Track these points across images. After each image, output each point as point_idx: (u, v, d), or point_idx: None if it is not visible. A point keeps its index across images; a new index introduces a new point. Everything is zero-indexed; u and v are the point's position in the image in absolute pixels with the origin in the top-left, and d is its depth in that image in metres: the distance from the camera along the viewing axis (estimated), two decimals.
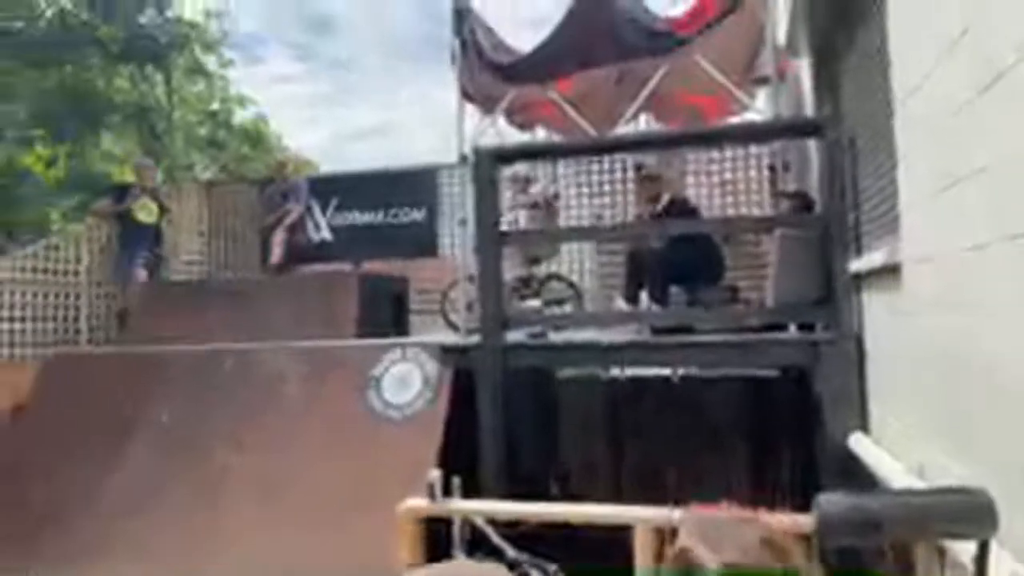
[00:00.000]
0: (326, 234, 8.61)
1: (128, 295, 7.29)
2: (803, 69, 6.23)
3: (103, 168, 12.19)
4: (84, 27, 10.64)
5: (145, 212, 7.52)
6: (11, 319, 6.54)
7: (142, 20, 11.02)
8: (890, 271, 3.07)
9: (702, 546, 1.00)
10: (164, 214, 7.79)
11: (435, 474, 3.86)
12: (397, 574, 3.78)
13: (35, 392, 6.28)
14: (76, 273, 7.22)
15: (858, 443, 3.72)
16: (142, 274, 7.36)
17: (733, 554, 0.99)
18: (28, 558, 4.99)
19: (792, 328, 4.77)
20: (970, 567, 1.65)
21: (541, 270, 6.76)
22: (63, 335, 6.99)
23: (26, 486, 5.63)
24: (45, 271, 6.92)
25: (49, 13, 10.40)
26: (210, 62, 13.77)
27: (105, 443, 5.64)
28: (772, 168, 7.02)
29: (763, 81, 6.05)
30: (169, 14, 11.27)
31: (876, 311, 3.72)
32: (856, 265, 3.94)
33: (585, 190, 8.07)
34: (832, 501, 1.42)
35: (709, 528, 1.04)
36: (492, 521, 3.90)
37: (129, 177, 12.04)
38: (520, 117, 7.13)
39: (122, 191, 7.67)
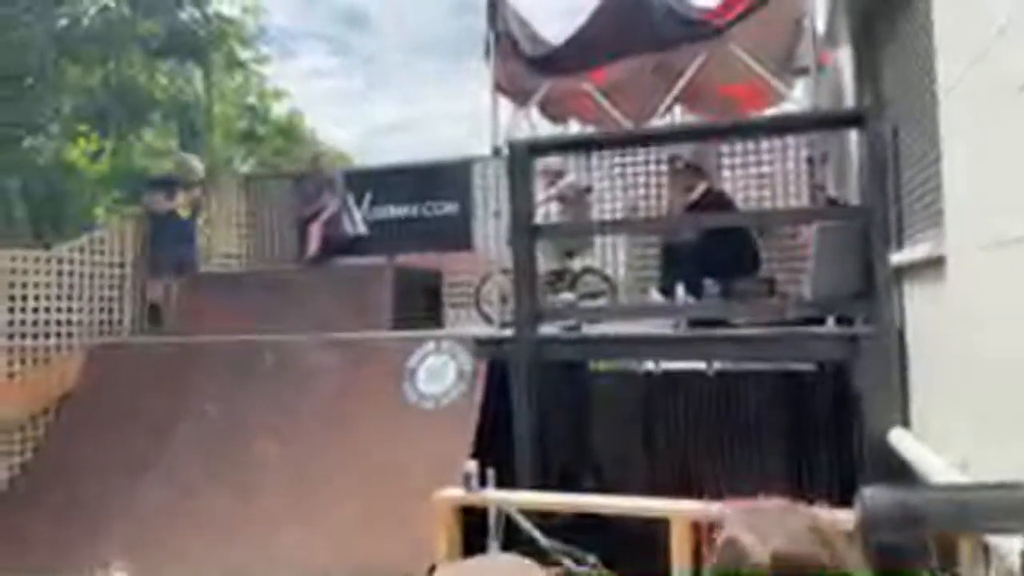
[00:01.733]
0: (361, 227, 8.69)
1: (167, 288, 7.45)
2: (843, 59, 6.12)
3: (144, 163, 12.48)
4: (125, 24, 10.87)
5: (184, 208, 7.70)
6: (58, 310, 6.73)
7: (181, 16, 11.22)
8: (933, 263, 3.01)
9: (750, 535, 1.01)
10: (200, 210, 7.97)
11: (471, 464, 3.92)
12: (434, 561, 3.84)
13: (81, 382, 6.48)
14: (121, 265, 7.39)
15: (899, 439, 3.66)
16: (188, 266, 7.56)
17: (781, 542, 0.99)
18: (75, 548, 5.15)
19: (830, 322, 4.71)
20: (1016, 562, 1.63)
21: (576, 264, 6.75)
22: (108, 327, 7.18)
23: (74, 474, 5.81)
24: (92, 263, 7.11)
25: (92, 10, 10.66)
26: (246, 57, 13.97)
27: (148, 433, 5.79)
28: (810, 160, 6.92)
29: (802, 71, 5.96)
30: (208, 10, 11.45)
31: (918, 304, 3.65)
32: (897, 258, 3.87)
33: (619, 182, 8.03)
34: (876, 495, 1.41)
35: (754, 518, 1.05)
36: (526, 511, 3.94)
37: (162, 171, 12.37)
38: (553, 109, 7.11)
39: (170, 185, 7.83)
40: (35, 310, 6.54)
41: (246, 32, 13.12)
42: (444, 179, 8.46)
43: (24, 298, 6.47)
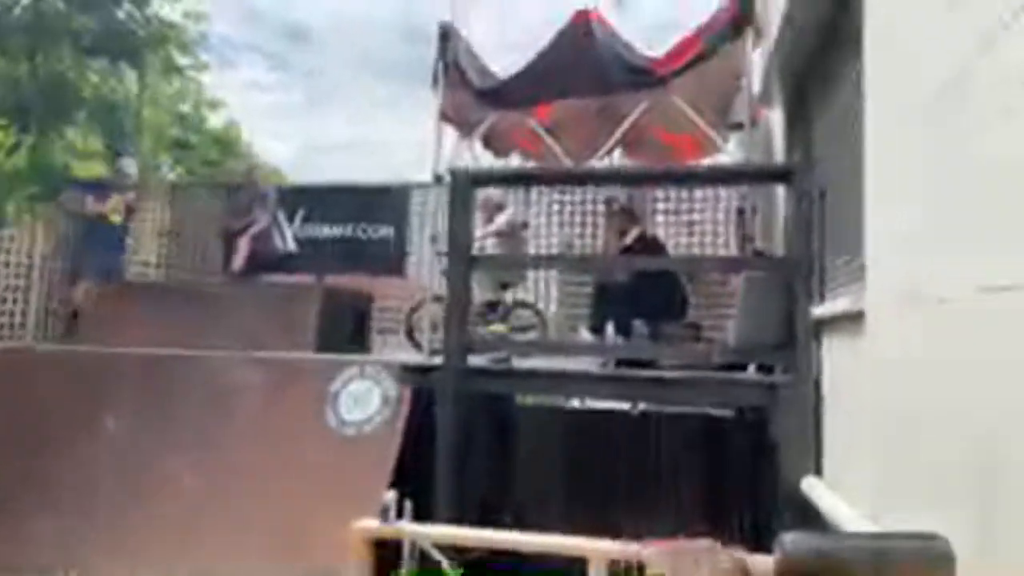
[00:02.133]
0: (291, 244, 8.50)
1: (82, 294, 7.09)
2: (775, 117, 6.40)
3: (63, 161, 11.89)
4: (59, 17, 10.43)
5: (116, 213, 7.40)
6: None
7: (119, 14, 10.84)
8: (852, 318, 3.13)
9: (680, 562, 0.99)
10: (131, 215, 7.68)
11: (390, 495, 3.80)
12: None
13: None
14: (29, 267, 6.99)
15: (811, 487, 3.76)
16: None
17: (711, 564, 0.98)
18: None
19: (751, 369, 4.83)
20: None
21: (509, 296, 6.76)
22: (9, 330, 6.75)
23: None
24: None
25: (25, 1, 10.20)
26: (184, 63, 13.60)
27: (46, 444, 5.43)
28: (741, 211, 7.17)
29: (737, 126, 6.20)
30: (147, 11, 11.11)
31: (836, 357, 3.79)
32: (819, 310, 4.02)
33: (556, 219, 8.13)
34: (795, 541, 1.42)
35: (680, 559, 1.03)
36: (442, 546, 3.84)
37: (88, 173, 11.80)
38: (497, 143, 7.18)
39: (102, 188, 7.53)
40: None
41: (186, 37, 12.79)
42: (381, 202, 8.39)
43: None
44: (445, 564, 3.75)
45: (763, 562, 1.63)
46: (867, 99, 3.00)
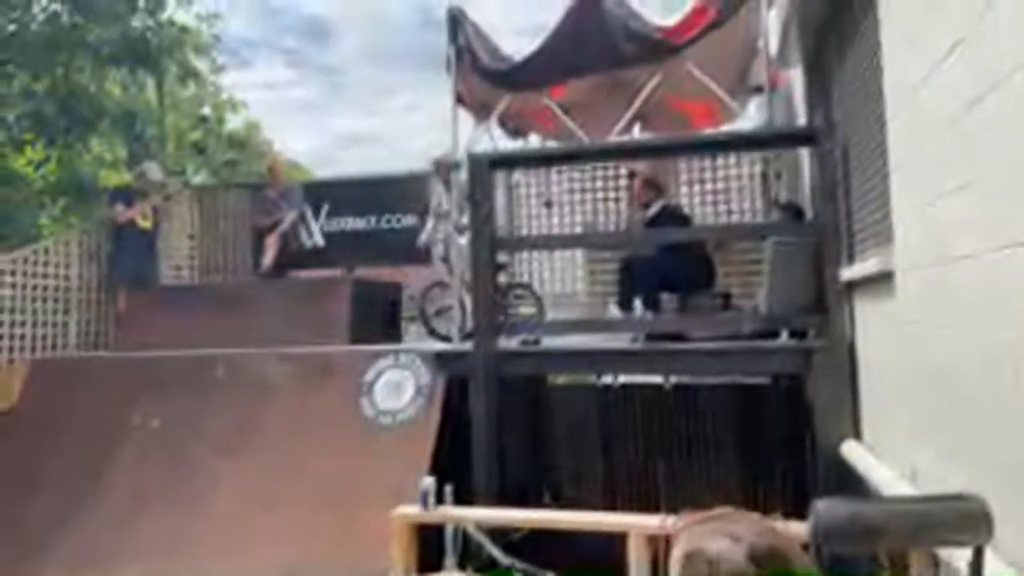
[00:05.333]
0: (319, 239, 8.58)
1: (121, 300, 7.26)
2: (795, 78, 6.28)
3: (91, 172, 12.12)
4: (75, 30, 10.58)
5: (144, 218, 7.54)
6: (0, 323, 6.48)
7: (134, 23, 10.97)
8: (883, 279, 3.09)
9: (717, 542, 0.99)
10: (161, 220, 7.82)
11: (428, 481, 3.87)
12: None
13: (23, 397, 6.23)
14: (67, 278, 7.16)
15: (850, 450, 3.74)
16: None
17: (754, 540, 0.98)
18: (20, 563, 4.94)
19: (784, 336, 4.79)
20: (964, 574, 1.66)
21: (502, 278, 6.72)
22: (52, 340, 6.94)
23: (16, 492, 5.57)
24: (35, 275, 6.87)
25: (41, 16, 10.36)
26: (201, 67, 13.73)
27: (94, 449, 5.60)
28: (764, 176, 7.07)
29: (757, 90, 6.10)
30: (161, 17, 11.22)
31: (869, 318, 3.74)
32: (848, 273, 3.96)
33: (578, 197, 8.09)
34: (830, 507, 1.42)
35: (714, 526, 1.04)
36: (484, 528, 3.90)
37: (116, 182, 12.03)
38: (513, 124, 7.15)
39: (127, 195, 7.67)
40: None
41: (201, 41, 12.89)
42: (403, 192, 8.41)
43: None
44: (488, 545, 3.81)
45: (799, 528, 1.63)
46: (886, 52, 2.94)
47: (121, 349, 6.84)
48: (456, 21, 6.06)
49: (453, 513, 3.87)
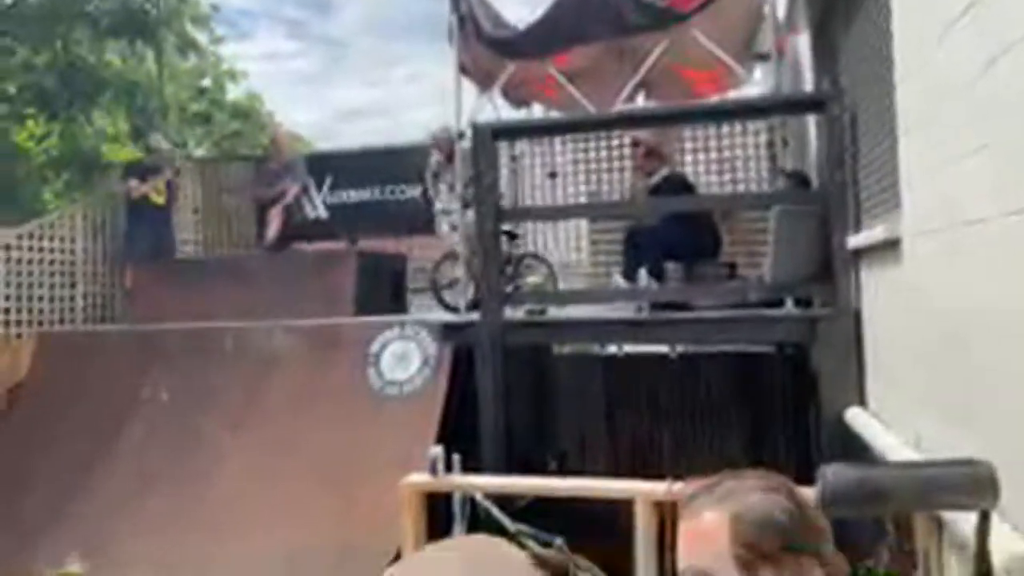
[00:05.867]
0: (322, 211, 8.57)
1: (128, 274, 7.29)
2: (803, 44, 6.20)
3: (94, 145, 12.07)
4: (74, 1, 10.47)
5: (158, 193, 7.54)
6: (6, 298, 6.51)
7: None
8: (890, 246, 3.08)
9: (760, 497, 1.00)
10: (173, 194, 7.81)
11: (436, 450, 3.90)
12: (400, 547, 3.83)
13: (33, 372, 6.29)
14: (72, 252, 7.18)
15: (855, 417, 3.75)
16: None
17: (756, 495, 0.99)
18: (27, 540, 5.01)
19: (789, 304, 4.79)
20: (969, 538, 1.68)
21: (519, 249, 6.70)
22: (60, 314, 6.97)
23: (25, 465, 5.64)
24: (40, 249, 6.88)
25: None
26: (200, 38, 13.59)
27: (104, 421, 5.65)
28: (771, 144, 7.00)
29: (763, 57, 6.02)
30: None
31: (875, 286, 3.73)
32: (855, 240, 3.95)
33: (582, 167, 8.04)
34: (837, 472, 1.43)
35: (731, 484, 1.04)
36: (491, 496, 3.94)
37: (125, 155, 11.99)
38: (517, 93, 7.07)
39: (141, 170, 7.68)
40: None
41: (199, 12, 12.75)
42: (407, 163, 8.37)
43: None
44: (496, 513, 3.85)
45: (806, 494, 1.64)
46: (896, 15, 2.89)
47: (128, 323, 6.87)
48: None
49: (461, 481, 3.91)
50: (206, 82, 15.46)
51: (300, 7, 50.31)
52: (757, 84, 6.30)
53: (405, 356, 5.41)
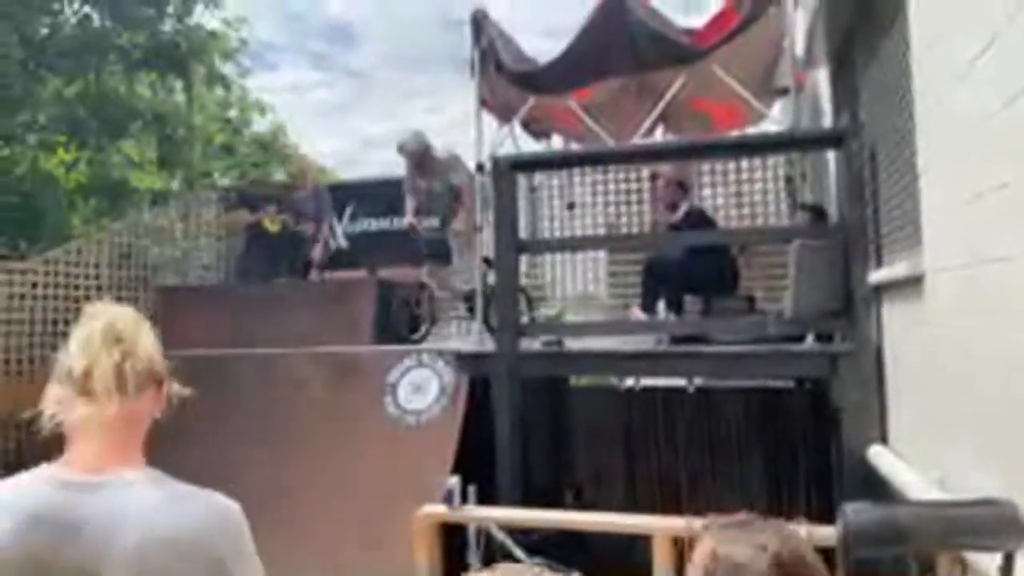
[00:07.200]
0: (342, 241, 8.66)
1: (153, 300, 7.40)
2: (822, 79, 6.23)
3: (121, 174, 12.32)
4: (106, 34, 10.76)
5: (271, 222, 7.70)
6: (31, 322, 6.62)
7: (163, 27, 11.13)
8: (912, 282, 3.06)
9: (743, 548, 1.00)
10: (288, 224, 7.92)
11: (453, 481, 3.88)
12: None
13: None
14: (97, 277, 7.29)
15: (877, 455, 3.70)
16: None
17: (780, 547, 0.98)
18: None
19: (809, 339, 4.76)
20: None
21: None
22: None
23: None
24: (67, 275, 7.00)
25: (73, 20, 10.55)
26: (228, 70, 13.89)
27: None
28: (789, 179, 7.01)
29: (782, 91, 6.05)
30: (190, 22, 11.36)
31: (897, 322, 3.70)
32: (876, 276, 3.93)
33: (600, 199, 8.09)
34: (859, 511, 1.42)
35: (741, 531, 1.04)
36: (507, 528, 3.91)
37: (149, 183, 12.22)
38: (536, 126, 7.15)
39: (252, 201, 7.92)
40: (7, 321, 6.42)
41: (228, 45, 13.05)
42: None
43: None
44: (510, 545, 3.81)
45: (827, 533, 1.62)
46: (916, 52, 2.91)
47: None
48: (479, 24, 6.08)
49: (478, 513, 3.88)
50: (232, 113, 15.78)
51: (324, 40, 51.40)
52: (775, 119, 6.33)
53: (422, 385, 5.42)
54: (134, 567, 1.25)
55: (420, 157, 6.67)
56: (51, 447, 1.40)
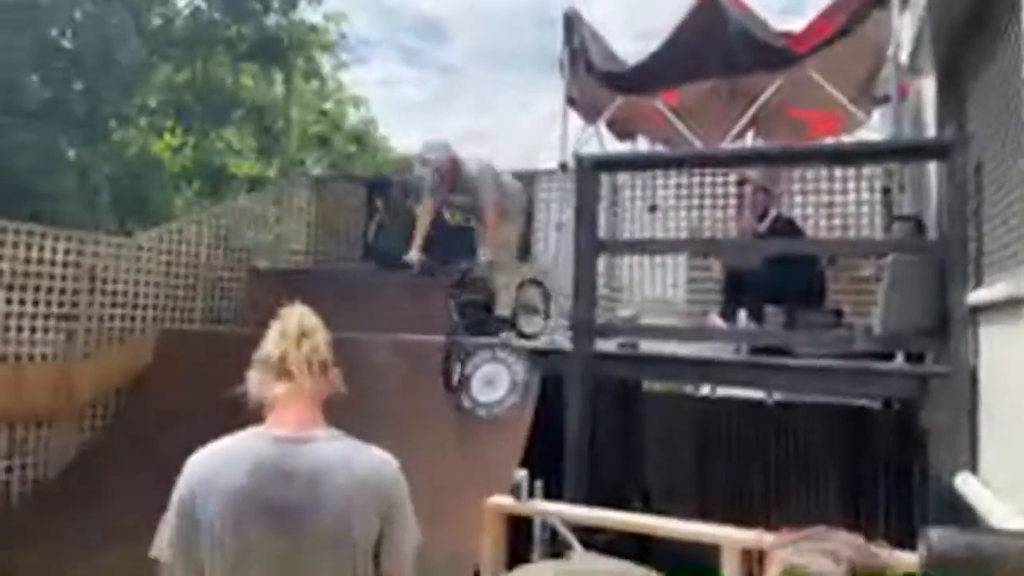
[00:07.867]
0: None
1: (247, 281, 7.74)
2: (926, 89, 5.96)
3: (222, 160, 12.96)
4: (215, 27, 11.32)
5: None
6: (135, 295, 7.05)
7: (268, 22, 11.62)
8: (1013, 304, 2.91)
9: (820, 559, 0.99)
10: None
11: (522, 474, 3.93)
12: (478, 567, 3.86)
13: (152, 365, 6.77)
14: (196, 256, 7.69)
15: (965, 483, 3.53)
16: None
17: (855, 556, 0.97)
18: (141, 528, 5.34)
19: (899, 358, 4.56)
20: None
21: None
22: (180, 314, 7.48)
23: (138, 455, 6.02)
24: (169, 252, 7.42)
25: (186, 12, 11.15)
26: (324, 63, 14.37)
27: (211, 420, 5.95)
28: (887, 190, 6.73)
29: (883, 100, 5.82)
30: (293, 17, 11.83)
31: (995, 345, 3.52)
32: (975, 296, 3.74)
33: (684, 202, 7.96)
34: (943, 536, 1.37)
35: (815, 543, 1.03)
36: (571, 526, 3.92)
37: (247, 169, 12.75)
38: (621, 127, 7.13)
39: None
40: (113, 293, 6.86)
41: (327, 39, 13.51)
42: None
43: (104, 281, 6.79)
44: (574, 543, 3.83)
45: (908, 559, 1.58)
46: None
47: (244, 326, 7.26)
48: (571, 23, 6.10)
49: (546, 507, 3.91)
50: (327, 105, 16.31)
51: (416, 36, 52.39)
52: (874, 127, 6.09)
53: (495, 379, 5.48)
54: (341, 501, 1.71)
55: (453, 175, 6.25)
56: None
